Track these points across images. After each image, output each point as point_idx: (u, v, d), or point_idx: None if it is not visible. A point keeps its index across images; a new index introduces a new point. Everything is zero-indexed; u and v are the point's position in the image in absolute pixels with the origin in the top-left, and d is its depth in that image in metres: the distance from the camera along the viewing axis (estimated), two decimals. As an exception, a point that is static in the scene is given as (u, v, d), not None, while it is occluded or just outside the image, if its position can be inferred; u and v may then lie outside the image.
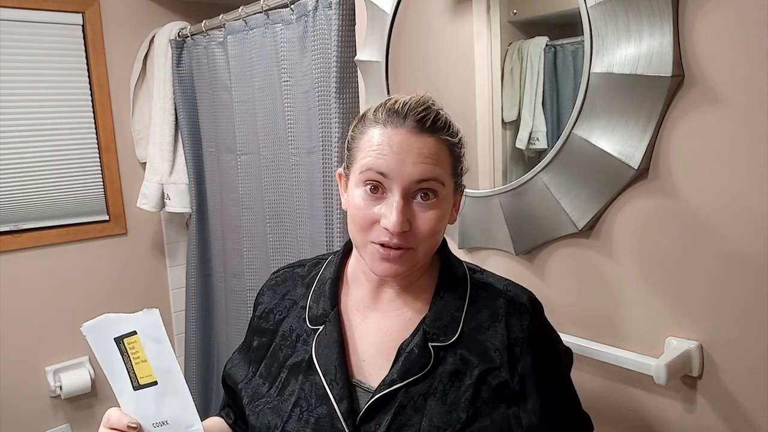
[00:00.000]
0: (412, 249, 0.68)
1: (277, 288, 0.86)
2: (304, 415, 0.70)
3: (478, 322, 0.72)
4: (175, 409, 0.66)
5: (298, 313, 0.80)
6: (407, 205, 0.67)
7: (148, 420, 0.67)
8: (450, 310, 0.73)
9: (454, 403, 0.67)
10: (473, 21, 1.09)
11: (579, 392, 0.79)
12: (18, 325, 2.01)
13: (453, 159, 0.71)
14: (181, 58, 2.02)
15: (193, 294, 2.15)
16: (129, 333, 0.65)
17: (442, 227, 0.71)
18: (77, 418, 2.16)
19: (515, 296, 0.75)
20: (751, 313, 0.78)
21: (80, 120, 2.07)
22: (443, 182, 0.68)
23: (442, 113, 0.70)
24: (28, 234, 2.01)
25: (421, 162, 0.66)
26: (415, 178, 0.66)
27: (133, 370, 0.67)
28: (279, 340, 0.80)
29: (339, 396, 0.69)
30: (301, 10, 1.47)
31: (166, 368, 0.65)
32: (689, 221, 0.82)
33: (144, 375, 0.66)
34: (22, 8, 1.90)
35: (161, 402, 0.66)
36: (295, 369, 0.75)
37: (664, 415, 0.89)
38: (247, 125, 1.74)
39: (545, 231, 0.99)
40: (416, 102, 0.69)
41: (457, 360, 0.70)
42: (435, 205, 0.68)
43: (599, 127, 0.86)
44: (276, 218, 1.69)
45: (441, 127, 0.69)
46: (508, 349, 0.70)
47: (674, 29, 0.78)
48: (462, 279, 0.76)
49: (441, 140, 0.69)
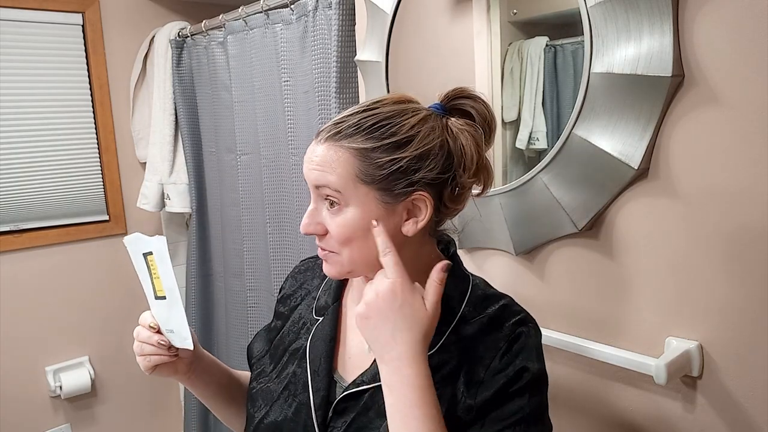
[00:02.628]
0: (335, 253, 0.70)
1: (297, 276, 0.91)
2: (289, 399, 0.76)
3: (461, 343, 0.70)
4: (177, 322, 0.77)
5: (309, 302, 0.84)
6: (317, 209, 0.70)
7: (163, 325, 0.78)
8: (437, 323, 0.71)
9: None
10: (473, 21, 1.09)
11: (579, 392, 0.79)
12: (18, 325, 2.01)
13: (364, 164, 0.65)
14: (181, 58, 2.02)
15: (193, 294, 2.15)
16: (149, 252, 0.77)
17: (355, 235, 0.67)
18: (77, 418, 2.16)
19: (497, 319, 0.71)
20: (751, 313, 0.78)
21: (80, 120, 2.07)
22: (338, 189, 0.66)
23: (370, 117, 0.66)
24: (28, 234, 2.01)
25: (312, 169, 0.69)
26: (312, 183, 0.69)
27: (153, 282, 0.78)
28: (290, 324, 0.85)
29: (317, 387, 0.73)
30: (301, 10, 1.47)
31: (169, 287, 0.76)
32: (689, 221, 0.82)
33: (158, 288, 0.78)
34: (22, 8, 1.90)
35: (169, 313, 0.77)
36: (294, 354, 0.80)
37: (664, 415, 0.89)
38: (247, 125, 1.74)
39: (545, 231, 0.99)
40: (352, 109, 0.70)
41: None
42: (338, 212, 0.68)
43: (599, 127, 0.86)
44: (276, 218, 1.69)
45: (347, 134, 0.66)
46: (472, 371, 0.68)
47: (674, 29, 0.78)
48: (461, 293, 0.74)
49: (339, 147, 0.66)
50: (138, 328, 0.80)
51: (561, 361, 1.01)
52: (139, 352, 0.79)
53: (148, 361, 0.78)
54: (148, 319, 0.79)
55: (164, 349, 0.78)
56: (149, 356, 0.78)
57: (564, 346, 0.97)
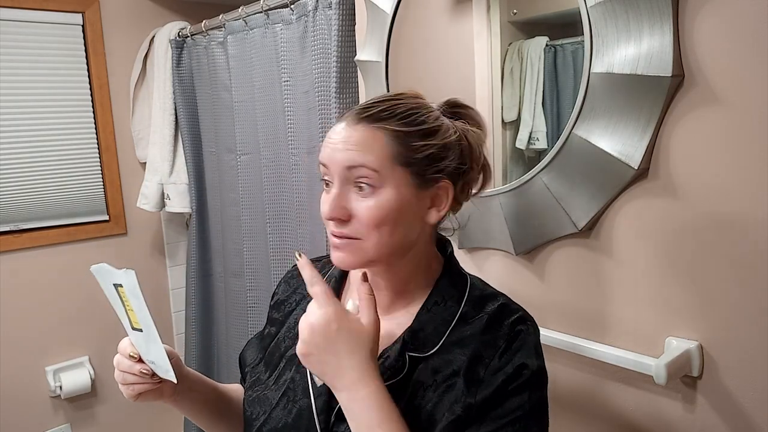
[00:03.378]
0: (360, 240, 0.68)
1: (291, 281, 0.89)
2: (289, 404, 0.74)
3: (460, 339, 0.70)
4: (157, 355, 0.75)
5: (304, 307, 0.82)
6: (343, 193, 0.67)
7: (144, 355, 0.76)
8: (435, 323, 0.71)
9: (416, 415, 0.66)
10: (473, 21, 1.09)
11: (579, 392, 0.79)
12: (18, 325, 2.01)
13: (399, 147, 0.67)
14: (181, 58, 2.02)
15: (193, 294, 2.15)
16: (119, 284, 0.74)
17: (388, 218, 0.67)
18: (77, 418, 2.16)
19: (497, 317, 0.71)
20: (752, 313, 0.78)
21: (80, 120, 2.07)
22: (375, 169, 0.66)
23: (400, 104, 0.69)
24: (28, 234, 2.01)
25: (346, 149, 0.66)
26: (343, 164, 0.66)
27: (127, 314, 0.76)
28: (285, 330, 0.83)
29: (318, 392, 0.71)
30: (301, 10, 1.47)
31: (146, 322, 0.73)
32: (689, 221, 0.83)
33: (134, 320, 0.75)
34: (22, 8, 1.90)
35: (148, 346, 0.75)
36: (292, 360, 0.78)
37: (664, 415, 0.89)
38: (247, 125, 1.74)
39: (545, 231, 0.99)
40: (377, 97, 0.70)
41: (428, 375, 0.68)
42: (371, 194, 0.66)
43: (599, 127, 0.86)
44: (276, 218, 1.69)
45: (384, 117, 0.67)
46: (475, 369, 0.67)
47: (674, 29, 0.78)
48: (459, 293, 0.74)
49: (377, 128, 0.67)
50: (117, 356, 0.77)
51: (561, 361, 1.01)
52: (121, 381, 0.77)
53: (131, 390, 0.76)
54: (128, 348, 0.77)
55: (147, 377, 0.76)
56: (132, 385, 0.76)
57: (564, 346, 0.97)
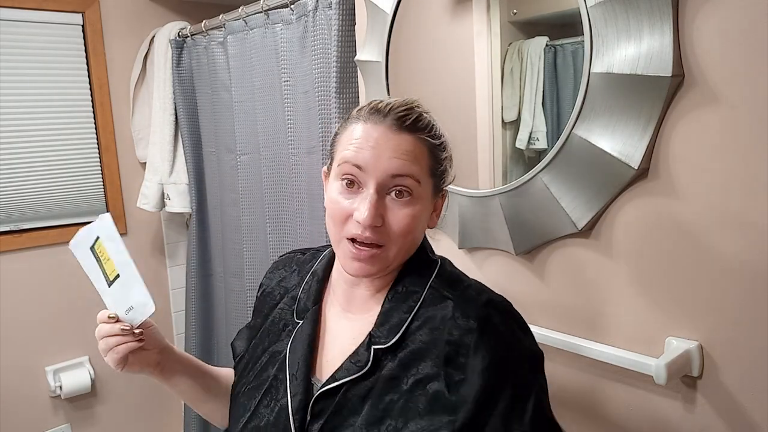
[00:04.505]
0: (383, 248, 0.68)
1: (276, 272, 0.90)
2: (271, 402, 0.74)
3: (427, 327, 0.69)
4: (135, 294, 0.77)
5: (288, 302, 0.83)
6: (381, 200, 0.68)
7: (121, 309, 0.78)
8: (397, 312, 0.71)
9: (387, 408, 0.66)
10: (473, 21, 1.09)
11: (579, 392, 0.79)
12: (18, 325, 2.01)
13: (432, 160, 0.70)
14: (181, 58, 2.02)
15: (193, 294, 2.15)
16: (96, 239, 0.79)
17: (417, 228, 0.69)
18: (77, 418, 2.16)
19: (469, 299, 0.70)
20: (751, 313, 0.78)
21: (80, 120, 2.07)
22: (419, 180, 0.68)
23: (425, 115, 0.71)
24: (28, 234, 2.01)
25: (396, 157, 0.67)
26: (390, 172, 0.67)
27: (103, 269, 0.79)
28: (269, 324, 0.83)
29: (295, 391, 0.72)
30: (301, 10, 1.47)
31: (123, 261, 0.77)
32: (689, 221, 0.83)
33: (110, 270, 0.79)
34: (22, 8, 1.90)
35: (126, 290, 0.77)
36: (274, 357, 0.78)
37: (664, 415, 0.89)
38: (247, 125, 1.74)
39: (545, 231, 0.99)
40: (400, 103, 0.70)
41: (396, 364, 0.68)
42: (409, 204, 0.68)
43: (599, 127, 0.86)
44: (276, 218, 1.69)
45: (422, 128, 0.69)
46: (448, 357, 0.66)
47: (674, 29, 0.78)
48: (423, 280, 0.73)
49: (420, 139, 0.69)
50: (98, 327, 0.79)
51: (560, 361, 1.01)
52: (105, 348, 0.78)
53: (116, 353, 0.77)
54: (105, 313, 0.79)
55: (130, 334, 0.77)
56: (116, 347, 0.77)
57: (563, 346, 0.97)
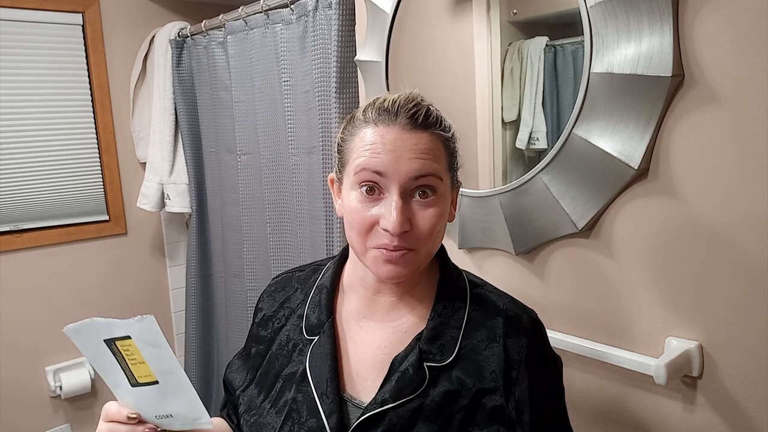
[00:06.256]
0: (414, 250, 0.66)
1: (276, 295, 0.84)
2: (295, 427, 0.69)
3: (476, 342, 0.70)
4: (179, 406, 0.66)
5: (295, 321, 0.78)
6: (406, 204, 0.65)
7: (151, 413, 0.67)
8: (448, 328, 0.70)
9: (446, 424, 0.65)
10: (473, 21, 1.09)
11: (579, 392, 0.79)
12: (18, 325, 2.01)
13: (448, 154, 0.69)
14: (181, 58, 2.02)
15: (193, 294, 2.15)
16: (122, 337, 0.63)
17: (442, 226, 0.69)
18: (77, 418, 2.16)
19: (515, 316, 0.72)
20: (751, 313, 0.78)
21: (80, 120, 2.07)
22: (441, 177, 0.67)
23: (432, 109, 0.69)
24: (28, 234, 2.01)
25: (417, 158, 0.64)
26: (413, 174, 0.64)
27: (129, 369, 0.65)
28: (276, 348, 0.78)
29: (329, 410, 0.68)
30: (301, 10, 1.47)
31: (167, 370, 0.64)
32: (689, 221, 0.83)
33: (142, 375, 0.65)
34: (22, 8, 1.90)
35: (164, 399, 0.66)
36: (290, 380, 0.74)
37: (664, 415, 0.89)
38: (247, 125, 1.74)
39: (545, 231, 0.99)
40: (405, 99, 0.67)
41: (452, 381, 0.67)
42: (434, 203, 0.66)
43: (599, 127, 0.86)
44: (276, 218, 1.69)
45: (433, 123, 0.67)
46: (504, 372, 0.67)
47: (674, 29, 0.78)
48: (462, 293, 0.73)
49: (435, 135, 0.67)
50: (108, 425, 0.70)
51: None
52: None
53: None
54: (123, 411, 0.69)
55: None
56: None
57: (564, 346, 0.97)
